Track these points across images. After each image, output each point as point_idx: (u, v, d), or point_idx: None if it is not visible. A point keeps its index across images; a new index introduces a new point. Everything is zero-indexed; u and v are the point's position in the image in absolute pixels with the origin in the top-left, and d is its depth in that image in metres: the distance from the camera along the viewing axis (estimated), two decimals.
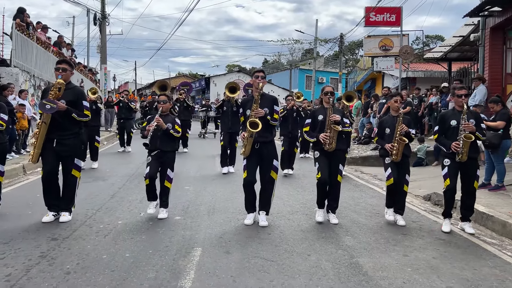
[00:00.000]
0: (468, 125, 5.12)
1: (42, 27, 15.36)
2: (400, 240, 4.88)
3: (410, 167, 5.84)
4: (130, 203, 6.26)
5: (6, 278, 3.53)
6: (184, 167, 9.65)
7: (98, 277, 3.61)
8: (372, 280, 3.72)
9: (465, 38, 13.78)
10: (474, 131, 5.12)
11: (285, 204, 6.48)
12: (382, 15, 20.02)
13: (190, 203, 6.34)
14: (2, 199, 5.63)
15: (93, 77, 25.06)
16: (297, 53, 46.07)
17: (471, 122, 5.18)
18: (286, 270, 3.88)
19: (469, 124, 5.13)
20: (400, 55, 17.60)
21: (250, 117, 5.15)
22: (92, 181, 7.81)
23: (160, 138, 5.43)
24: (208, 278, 3.66)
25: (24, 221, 5.18)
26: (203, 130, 18.64)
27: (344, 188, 7.78)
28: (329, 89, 5.58)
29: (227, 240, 4.67)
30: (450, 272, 3.96)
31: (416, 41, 35.58)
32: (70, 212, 5.27)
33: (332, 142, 5.36)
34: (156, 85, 9.90)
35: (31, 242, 4.41)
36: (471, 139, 5.07)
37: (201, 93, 44.64)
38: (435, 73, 20.32)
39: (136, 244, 4.47)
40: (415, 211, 6.32)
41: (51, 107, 4.93)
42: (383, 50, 20.94)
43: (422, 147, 10.60)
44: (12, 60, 12.28)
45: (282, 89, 40.38)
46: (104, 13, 25.48)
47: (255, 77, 5.35)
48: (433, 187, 7.33)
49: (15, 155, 9.70)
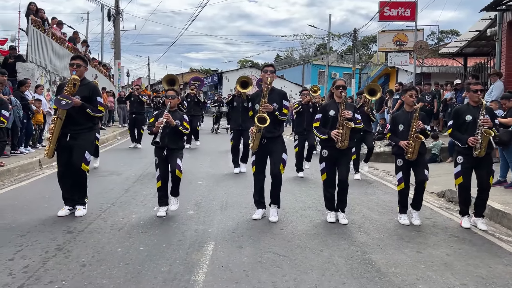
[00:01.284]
0: (487, 120, 5.04)
1: (57, 23, 15.52)
2: (414, 237, 4.84)
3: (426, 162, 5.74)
4: (144, 197, 6.32)
5: (24, 270, 3.60)
6: (196, 162, 9.70)
7: (113, 269, 3.67)
8: (385, 276, 3.71)
9: (481, 32, 13.54)
10: (492, 126, 5.05)
11: (297, 199, 6.48)
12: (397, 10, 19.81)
13: (203, 198, 6.38)
14: (19, 192, 5.71)
15: (107, 72, 25.26)
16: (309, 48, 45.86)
17: (486, 117, 5.11)
18: (299, 265, 3.89)
19: (488, 119, 5.05)
20: (415, 50, 17.38)
21: (259, 112, 5.14)
22: (107, 176, 7.91)
23: (168, 135, 5.30)
24: (221, 272, 3.69)
25: (41, 214, 5.27)
26: (216, 125, 18.69)
27: (357, 184, 7.77)
28: (341, 83, 5.35)
29: (239, 235, 4.69)
30: (465, 269, 3.93)
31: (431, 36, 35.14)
32: (85, 205, 5.34)
33: (345, 139, 5.17)
34: (164, 79, 9.36)
35: (48, 235, 4.49)
36: (491, 134, 5.00)
37: (213, 89, 44.75)
38: (451, 69, 20.02)
39: (150, 238, 4.52)
40: (429, 208, 6.26)
41: (66, 102, 4.99)
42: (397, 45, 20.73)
43: (437, 144, 10.49)
44: (28, 55, 12.44)
45: (295, 85, 40.27)
46: (118, 9, 25.68)
47: (264, 71, 5.33)
48: (447, 183, 7.26)
49: (31, 149, 9.85)
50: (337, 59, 42.09)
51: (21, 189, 6.82)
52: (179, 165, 5.37)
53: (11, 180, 7.31)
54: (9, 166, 7.64)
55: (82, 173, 5.29)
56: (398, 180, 5.43)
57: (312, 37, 37.67)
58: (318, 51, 45.41)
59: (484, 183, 5.20)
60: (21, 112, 9.13)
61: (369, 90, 7.62)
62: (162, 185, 5.35)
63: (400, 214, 5.46)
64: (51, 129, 5.24)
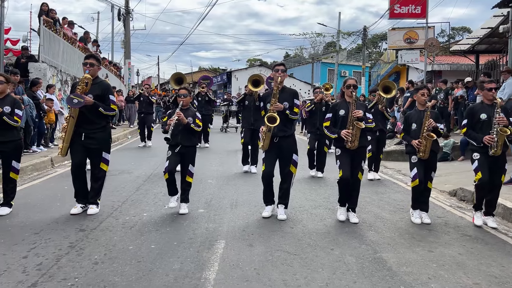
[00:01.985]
0: (502, 119, 4.99)
1: (68, 23, 15.67)
2: (425, 236, 4.81)
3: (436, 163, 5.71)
4: (155, 195, 6.36)
5: (38, 267, 3.65)
6: (206, 161, 9.73)
7: (125, 267, 3.70)
8: (396, 275, 3.69)
9: (493, 29, 13.38)
10: (507, 125, 4.99)
11: (307, 198, 6.47)
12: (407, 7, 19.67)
13: (213, 196, 6.40)
14: (31, 191, 5.77)
15: (118, 72, 25.43)
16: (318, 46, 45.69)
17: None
18: (309, 264, 3.89)
19: (504, 118, 5.00)
20: (426, 47, 17.22)
21: (269, 112, 5.13)
22: (118, 174, 7.97)
23: (181, 133, 5.39)
24: (232, 270, 3.70)
25: (54, 212, 5.33)
26: (225, 124, 18.74)
27: (367, 183, 7.73)
28: (351, 82, 5.30)
29: (250, 233, 4.70)
30: (477, 268, 3.90)
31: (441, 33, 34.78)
32: (97, 204, 5.39)
33: (355, 140, 5.12)
34: (172, 78, 9.23)
35: (61, 233, 4.54)
36: (507, 132, 4.94)
37: (222, 88, 44.84)
38: (462, 66, 19.80)
39: (161, 236, 4.55)
40: (441, 207, 6.22)
41: (78, 101, 5.04)
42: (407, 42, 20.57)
43: (449, 142, 10.40)
44: (40, 55, 12.59)
45: (304, 83, 40.17)
46: (128, 9, 25.86)
47: (275, 70, 5.31)
48: (459, 182, 7.19)
49: (43, 148, 9.96)
50: (347, 57, 41.88)
51: (34, 188, 6.91)
52: (190, 171, 5.50)
53: (24, 179, 7.40)
54: (22, 165, 7.66)
55: (100, 173, 5.37)
56: (412, 176, 5.37)
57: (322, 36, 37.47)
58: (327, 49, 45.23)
59: (497, 181, 5.15)
60: (34, 111, 9.24)
61: (383, 87, 7.40)
62: (169, 177, 5.41)
63: (412, 210, 5.42)
64: (64, 128, 5.30)
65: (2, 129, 5.15)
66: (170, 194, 5.54)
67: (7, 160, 5.26)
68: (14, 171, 5.32)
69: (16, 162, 5.34)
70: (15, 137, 5.30)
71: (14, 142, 5.28)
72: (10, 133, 5.22)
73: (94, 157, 5.34)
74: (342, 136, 5.15)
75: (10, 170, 5.28)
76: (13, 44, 14.78)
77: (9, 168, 5.28)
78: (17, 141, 5.35)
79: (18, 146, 5.38)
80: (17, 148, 5.37)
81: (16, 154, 5.36)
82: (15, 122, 5.20)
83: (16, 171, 5.38)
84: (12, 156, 5.27)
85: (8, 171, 5.28)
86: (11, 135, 5.24)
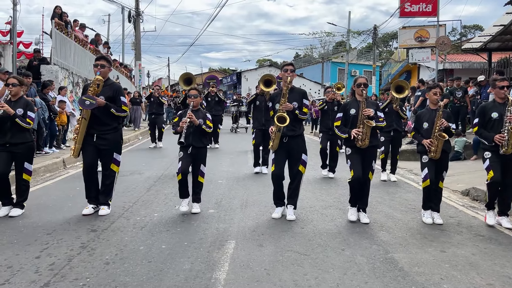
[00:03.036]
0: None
1: (80, 26, 15.83)
2: (437, 236, 4.76)
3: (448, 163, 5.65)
4: (166, 196, 6.39)
5: (50, 267, 3.69)
6: (216, 161, 9.75)
7: (136, 267, 3.72)
8: (408, 275, 3.65)
9: (506, 27, 13.18)
10: None
11: (318, 198, 6.45)
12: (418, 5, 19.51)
13: (223, 197, 6.41)
14: (44, 192, 5.83)
15: (128, 73, 25.63)
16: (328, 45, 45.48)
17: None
18: (320, 264, 3.87)
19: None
20: (437, 46, 17.05)
21: (278, 112, 5.12)
22: (129, 175, 8.02)
23: (192, 134, 5.41)
24: (242, 270, 3.70)
25: (66, 213, 5.38)
26: (235, 124, 18.75)
27: (378, 183, 7.68)
28: (362, 81, 5.25)
29: (260, 234, 4.70)
30: (491, 269, 3.84)
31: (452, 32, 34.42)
32: (109, 205, 5.43)
33: (365, 138, 5.07)
34: (181, 78, 9.11)
35: (72, 233, 4.58)
36: None
37: (232, 88, 44.90)
38: (474, 64, 19.56)
39: (171, 236, 4.57)
40: (453, 207, 6.14)
41: (90, 103, 5.08)
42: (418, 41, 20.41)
43: (460, 141, 10.28)
44: (52, 58, 12.74)
45: (314, 83, 40.05)
46: (138, 10, 26.06)
47: (284, 70, 5.29)
48: (472, 181, 7.10)
49: (55, 150, 10.07)
50: (357, 56, 41.65)
51: (46, 189, 6.99)
52: (202, 171, 5.54)
53: (36, 180, 7.49)
54: (35, 166, 7.80)
55: (111, 173, 5.40)
56: (423, 177, 5.31)
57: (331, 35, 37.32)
58: (337, 48, 45.03)
59: (509, 181, 5.08)
60: (46, 113, 9.35)
61: (396, 87, 7.24)
62: (182, 178, 5.42)
63: (423, 210, 5.37)
64: (76, 130, 5.35)
65: (15, 131, 5.22)
66: (181, 197, 5.54)
67: (20, 162, 5.33)
68: (26, 173, 5.39)
69: (29, 164, 5.41)
70: (27, 139, 5.37)
71: (26, 144, 5.35)
72: (22, 135, 5.29)
73: (105, 158, 5.38)
74: (352, 135, 5.10)
75: (22, 172, 5.35)
76: (25, 47, 14.99)
77: (21, 169, 5.34)
78: (30, 143, 5.41)
79: (30, 148, 5.45)
80: (29, 150, 5.43)
81: (29, 156, 5.42)
82: (28, 124, 5.27)
83: (29, 172, 5.44)
84: (24, 158, 5.34)
85: (21, 173, 5.35)
86: (23, 137, 5.30)
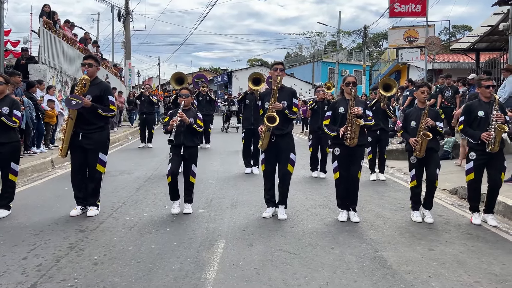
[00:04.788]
0: (500, 115, 5.00)
1: (68, 24, 15.69)
2: (426, 234, 4.80)
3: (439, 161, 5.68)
4: (155, 196, 6.36)
5: (37, 268, 3.65)
6: (207, 161, 9.72)
7: (125, 268, 3.69)
8: (397, 274, 3.68)
9: (494, 27, 13.35)
10: (504, 122, 4.99)
11: (307, 197, 6.46)
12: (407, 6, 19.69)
13: (213, 196, 6.39)
14: (32, 192, 5.77)
15: (118, 72, 25.44)
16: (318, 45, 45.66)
17: None
18: (310, 263, 3.88)
19: (501, 114, 5.00)
20: (426, 46, 17.24)
21: (268, 111, 5.13)
22: (118, 175, 7.97)
23: (184, 134, 5.38)
24: (232, 270, 3.69)
25: (54, 213, 5.33)
26: (226, 124, 18.74)
27: (368, 182, 7.72)
28: (350, 79, 5.28)
29: (250, 233, 4.70)
30: (478, 266, 3.88)
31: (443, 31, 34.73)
32: (97, 206, 5.37)
33: (354, 137, 5.08)
34: (172, 78, 8.95)
35: (60, 234, 4.54)
36: (505, 129, 4.95)
37: (223, 88, 44.83)
38: (462, 64, 19.78)
39: (161, 236, 4.54)
40: (441, 205, 6.20)
41: (77, 102, 5.03)
42: (408, 41, 20.58)
43: (449, 140, 10.37)
44: (40, 57, 12.60)
45: (305, 83, 40.15)
46: (128, 9, 25.88)
47: (274, 69, 5.31)
48: (460, 180, 7.16)
49: (43, 150, 9.97)
50: (347, 56, 41.85)
51: (34, 189, 6.91)
52: (193, 171, 5.50)
53: (24, 180, 7.41)
54: (22, 166, 7.72)
55: (96, 174, 5.33)
56: (411, 177, 5.40)
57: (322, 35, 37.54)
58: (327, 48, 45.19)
59: (495, 180, 5.15)
60: (33, 112, 9.24)
61: (384, 85, 7.27)
62: (172, 180, 5.37)
63: (412, 211, 5.41)
64: (63, 129, 5.30)
65: (0, 130, 5.14)
66: (172, 199, 5.48)
67: (6, 162, 5.24)
68: (13, 173, 5.30)
69: (15, 164, 5.32)
70: (12, 138, 5.29)
71: (12, 143, 5.27)
72: (8, 135, 5.21)
73: (91, 158, 5.28)
74: (341, 133, 5.11)
75: (9, 172, 5.27)
76: (13, 45, 14.82)
77: (8, 170, 5.26)
78: (15, 143, 5.34)
79: (16, 147, 5.37)
80: (15, 150, 5.36)
81: (15, 156, 5.34)
82: (14, 123, 5.19)
83: (15, 173, 5.36)
84: (10, 158, 5.26)
85: (7, 173, 5.27)
86: (9, 137, 5.22)
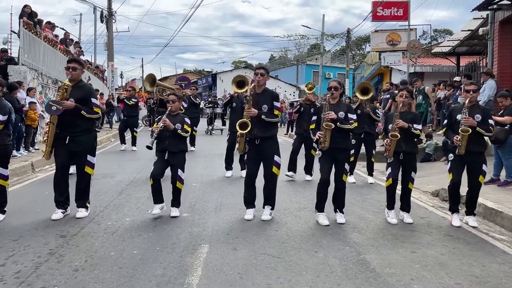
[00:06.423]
0: (467, 119, 5.11)
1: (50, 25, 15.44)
2: (408, 237, 4.85)
3: (417, 163, 5.78)
4: (138, 200, 6.29)
5: (16, 275, 3.56)
6: (191, 164, 9.63)
7: (106, 274, 3.64)
8: (380, 276, 3.70)
9: (473, 32, 13.61)
10: (475, 126, 5.09)
11: (292, 200, 6.47)
12: (390, 9, 19.91)
13: (197, 200, 6.35)
14: (11, 196, 5.62)
15: (101, 74, 25.14)
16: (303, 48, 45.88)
17: (477, 117, 5.15)
18: (293, 267, 3.88)
19: (469, 118, 5.12)
20: (408, 49, 17.47)
21: (243, 117, 5.18)
22: (100, 178, 7.85)
23: (168, 139, 5.33)
24: (215, 275, 3.67)
25: (33, 218, 5.22)
26: (210, 126, 18.65)
27: (351, 185, 7.76)
28: (331, 84, 5.32)
29: (234, 237, 4.68)
30: (459, 268, 3.94)
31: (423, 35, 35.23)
32: (87, 208, 5.34)
33: (325, 141, 5.13)
34: (146, 80, 8.60)
35: (40, 239, 4.44)
36: (467, 132, 5.05)
37: (208, 90, 44.68)
38: (443, 68, 20.14)
39: (143, 241, 4.49)
40: (423, 207, 6.28)
41: (57, 108, 4.98)
42: (390, 44, 20.82)
43: (431, 143, 10.52)
44: (20, 58, 12.35)
45: (289, 85, 40.29)
46: (110, 10, 25.60)
47: (255, 74, 5.39)
48: (441, 182, 7.28)
49: (23, 153, 9.77)
50: (331, 59, 42.15)
51: (13, 193, 6.72)
52: (180, 177, 5.42)
53: None
54: None
55: (85, 176, 5.30)
56: (387, 175, 5.52)
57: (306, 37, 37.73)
58: (311, 51, 45.45)
59: (475, 182, 5.25)
60: (13, 115, 9.04)
61: (361, 89, 7.35)
62: (153, 183, 5.32)
63: (387, 210, 5.48)
64: (45, 133, 5.22)
65: None
66: (155, 203, 5.42)
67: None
68: (2, 178, 5.15)
69: (3, 169, 5.15)
70: (2, 141, 5.13)
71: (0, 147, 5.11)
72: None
73: (79, 161, 5.26)
74: (315, 138, 5.26)
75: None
76: None
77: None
78: (2, 146, 5.20)
79: (6, 151, 5.20)
80: (4, 154, 5.19)
81: (3, 160, 5.17)
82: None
83: (5, 178, 5.19)
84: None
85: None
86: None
